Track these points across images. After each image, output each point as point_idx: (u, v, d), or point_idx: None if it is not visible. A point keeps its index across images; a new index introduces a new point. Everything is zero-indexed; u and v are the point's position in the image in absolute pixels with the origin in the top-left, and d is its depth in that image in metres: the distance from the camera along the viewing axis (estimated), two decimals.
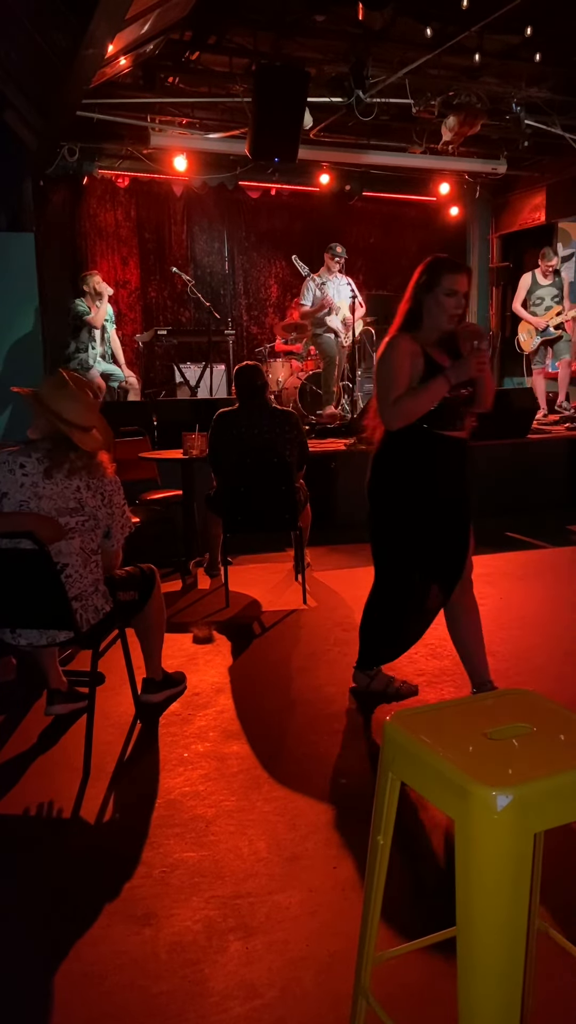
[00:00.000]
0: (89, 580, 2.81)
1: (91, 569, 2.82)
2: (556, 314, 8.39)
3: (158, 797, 2.59)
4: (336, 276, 7.95)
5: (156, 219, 10.00)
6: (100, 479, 2.80)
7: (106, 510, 2.83)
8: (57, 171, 8.35)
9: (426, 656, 3.67)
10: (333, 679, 3.47)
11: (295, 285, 8.86)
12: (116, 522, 2.88)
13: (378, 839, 1.51)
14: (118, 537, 2.92)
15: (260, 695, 3.38)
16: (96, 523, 2.81)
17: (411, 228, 10.87)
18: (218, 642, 4.00)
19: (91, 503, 2.78)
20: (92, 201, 9.51)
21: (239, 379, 4.64)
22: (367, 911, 1.54)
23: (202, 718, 3.14)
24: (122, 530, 2.92)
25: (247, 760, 2.81)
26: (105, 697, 3.17)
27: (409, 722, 1.44)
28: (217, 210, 10.13)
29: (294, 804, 2.53)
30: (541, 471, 6.88)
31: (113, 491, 2.85)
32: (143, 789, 2.64)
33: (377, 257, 10.95)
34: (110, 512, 2.84)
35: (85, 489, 2.77)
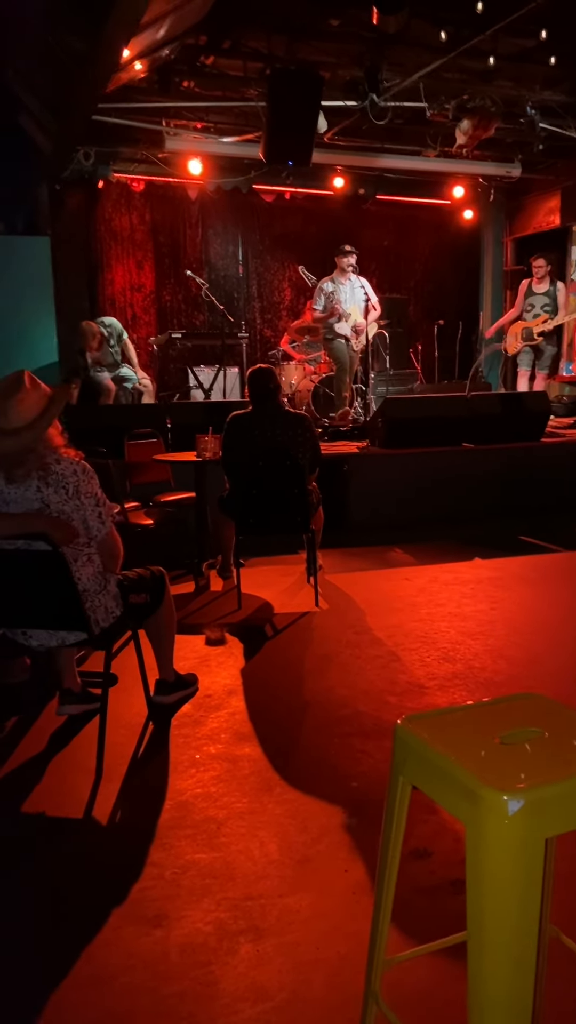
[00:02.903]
0: (88, 575, 2.78)
1: (84, 564, 2.77)
2: (542, 322, 8.36)
3: (169, 798, 2.59)
4: (349, 279, 7.94)
5: (171, 223, 10.03)
6: (59, 473, 2.70)
7: (73, 502, 2.72)
8: (72, 175, 8.40)
9: (438, 660, 3.66)
10: (345, 682, 3.46)
11: (308, 289, 8.86)
12: (89, 512, 2.75)
13: (389, 843, 1.50)
14: (97, 527, 2.79)
15: (272, 697, 3.38)
16: (68, 519, 2.74)
17: (425, 231, 10.86)
18: (230, 644, 4.00)
19: (54, 499, 2.71)
20: (107, 205, 9.56)
21: (252, 382, 4.64)
22: (377, 914, 1.53)
23: (214, 720, 3.14)
24: (100, 519, 2.78)
25: (259, 762, 2.81)
26: (117, 698, 3.18)
27: (420, 726, 1.44)
28: (231, 214, 10.16)
29: (305, 807, 2.52)
30: (554, 474, 6.85)
31: (79, 481, 2.73)
32: (154, 790, 2.65)
33: (391, 260, 10.94)
34: (78, 504, 2.73)
35: (45, 487, 2.70)
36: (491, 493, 6.65)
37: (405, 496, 6.47)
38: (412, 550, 5.74)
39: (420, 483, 6.53)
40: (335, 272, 8.05)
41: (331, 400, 8.24)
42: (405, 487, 6.50)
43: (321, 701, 3.29)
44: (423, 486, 6.52)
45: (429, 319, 10.64)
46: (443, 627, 4.08)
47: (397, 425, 6.76)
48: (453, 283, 11.22)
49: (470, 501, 6.57)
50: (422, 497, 6.49)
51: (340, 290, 7.91)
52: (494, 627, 4.06)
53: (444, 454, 6.74)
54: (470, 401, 7.13)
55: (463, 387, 8.73)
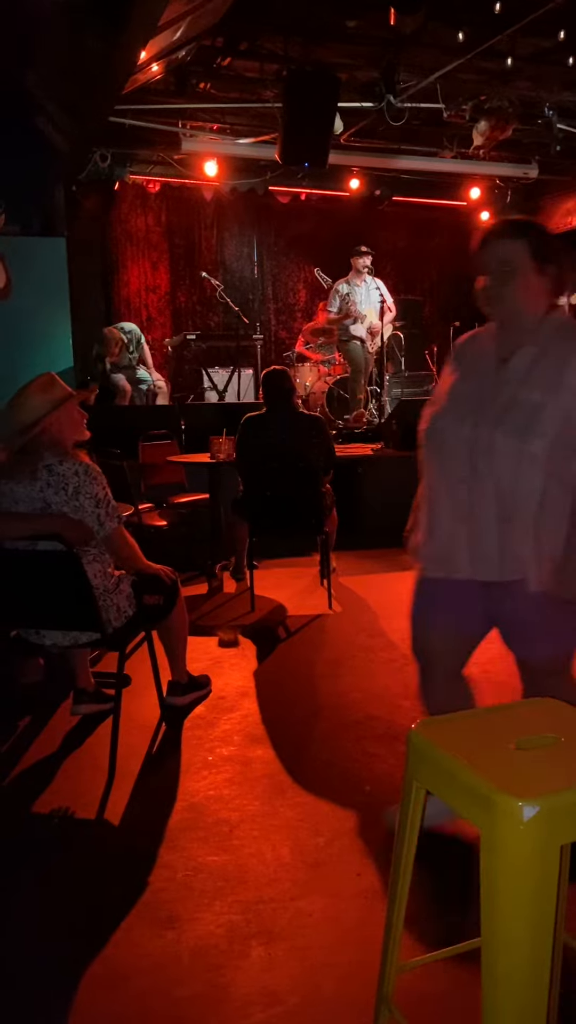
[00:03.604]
0: (93, 574, 2.78)
1: (89, 562, 2.76)
2: None
3: (181, 800, 2.60)
4: (364, 280, 7.93)
5: (186, 224, 10.06)
6: (60, 474, 2.71)
7: (72, 503, 2.71)
8: (89, 176, 8.43)
9: None
10: (358, 685, 3.46)
11: (323, 290, 8.87)
12: (87, 514, 2.73)
13: (402, 847, 1.50)
14: (95, 528, 2.75)
15: (285, 700, 3.37)
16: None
17: (441, 233, 10.82)
18: (243, 646, 4.01)
19: (55, 500, 2.71)
20: (123, 206, 9.60)
21: (266, 383, 4.65)
22: (390, 919, 1.53)
23: (227, 722, 3.14)
24: (99, 521, 2.75)
25: (271, 765, 2.81)
26: (130, 699, 3.19)
27: (434, 731, 1.44)
28: (247, 215, 10.17)
29: (318, 810, 2.52)
30: None
31: (80, 482, 2.72)
32: (167, 792, 2.65)
33: (406, 262, 10.92)
34: (77, 505, 2.72)
35: (47, 487, 2.71)
36: None
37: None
38: None
39: None
40: (350, 274, 8.04)
41: (346, 402, 8.23)
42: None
43: (334, 704, 3.29)
44: None
45: (445, 321, 10.60)
46: None
47: (412, 427, 6.73)
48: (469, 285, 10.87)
49: None
50: None
51: (355, 292, 7.90)
52: None
53: None
54: None
55: None
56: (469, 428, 2.04)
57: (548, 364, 2.02)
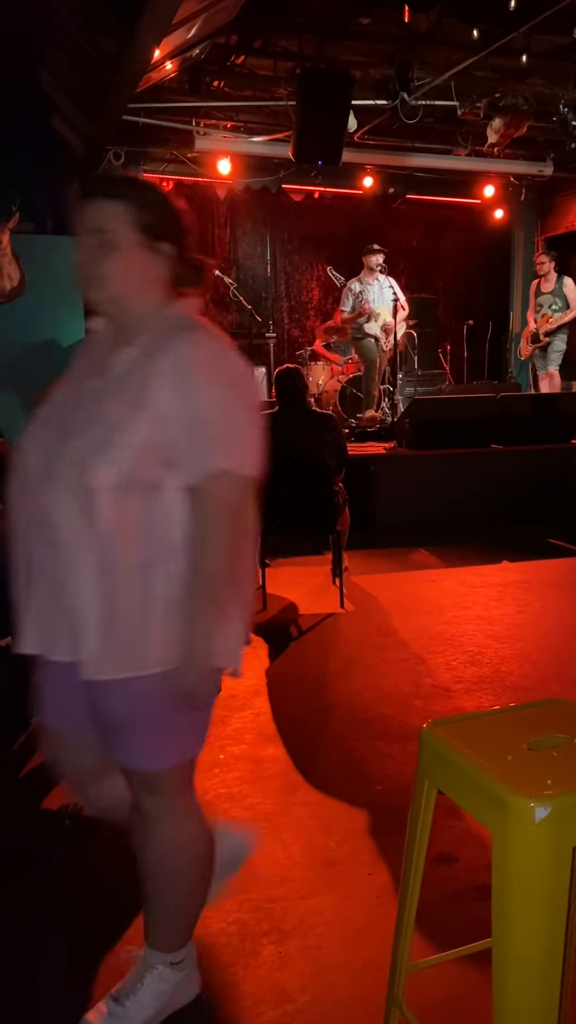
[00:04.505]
0: None
1: None
2: (546, 321, 8.26)
3: None
4: (376, 278, 7.92)
5: (199, 222, 10.07)
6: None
7: None
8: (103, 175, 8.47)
9: (464, 663, 3.64)
10: (370, 684, 3.46)
11: (337, 289, 8.85)
12: None
13: (413, 847, 1.50)
14: None
15: (296, 698, 3.38)
16: None
17: (455, 231, 10.80)
18: (255, 644, 4.01)
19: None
20: None
21: (279, 382, 4.65)
22: (401, 919, 1.53)
23: (238, 720, 3.15)
24: None
25: (283, 763, 2.81)
26: None
27: (446, 730, 1.43)
28: (260, 213, 10.17)
29: (329, 809, 2.52)
30: None
31: None
32: None
33: (420, 260, 10.89)
34: None
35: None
36: (520, 495, 6.59)
37: (432, 498, 6.44)
38: (439, 552, 5.71)
39: (448, 485, 6.49)
40: (363, 272, 8.02)
41: (358, 400, 8.22)
42: (432, 489, 6.47)
43: (346, 703, 3.29)
44: (450, 488, 6.49)
45: (458, 319, 10.58)
46: (470, 630, 4.06)
47: (425, 426, 6.73)
48: (483, 283, 11.15)
49: (498, 503, 6.52)
50: (449, 499, 6.45)
51: (368, 290, 7.89)
52: (522, 631, 4.03)
53: (472, 456, 6.70)
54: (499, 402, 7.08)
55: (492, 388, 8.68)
56: (43, 456, 1.54)
57: (140, 372, 1.53)
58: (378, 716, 3.16)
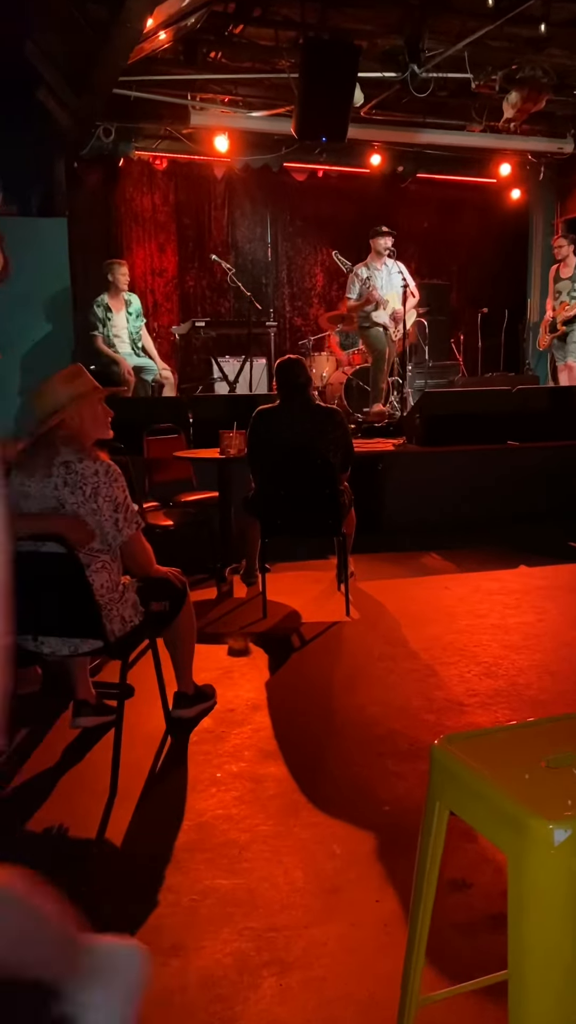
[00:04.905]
0: (101, 583, 2.79)
1: (98, 570, 2.79)
2: (564, 309, 8.25)
3: (188, 819, 2.60)
4: (385, 263, 7.92)
5: (195, 203, 10.08)
6: (79, 473, 2.73)
7: (90, 505, 2.73)
8: (92, 152, 8.47)
9: (479, 675, 3.64)
10: (377, 698, 3.45)
11: (342, 274, 8.86)
12: (106, 518, 2.75)
13: (424, 872, 1.49)
14: (112, 534, 2.78)
15: (299, 713, 3.38)
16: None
17: (469, 212, 10.81)
18: (254, 655, 4.01)
19: (70, 500, 2.73)
20: (128, 184, 9.63)
21: (280, 374, 4.65)
22: (411, 949, 1.52)
23: (236, 736, 3.15)
24: (116, 527, 2.78)
25: (284, 783, 2.81)
26: (134, 711, 3.20)
27: (460, 747, 1.43)
28: (260, 193, 10.19)
29: (334, 831, 2.52)
30: None
31: (100, 483, 2.74)
32: (172, 810, 2.66)
33: (431, 244, 10.90)
34: (95, 508, 2.74)
35: (63, 485, 2.73)
36: (539, 495, 6.60)
37: (444, 498, 6.44)
38: (452, 556, 5.70)
39: (461, 484, 6.49)
40: (370, 256, 8.02)
41: (365, 394, 8.23)
42: (444, 488, 6.47)
43: (352, 718, 3.29)
44: (464, 487, 6.49)
45: (472, 307, 10.58)
46: (485, 640, 4.06)
47: (436, 421, 6.73)
48: (499, 268, 11.15)
49: (515, 503, 6.52)
50: (463, 499, 6.45)
51: (376, 276, 7.89)
52: (540, 641, 4.03)
53: (487, 453, 6.70)
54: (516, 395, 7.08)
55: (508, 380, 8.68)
56: None
57: None
58: (386, 732, 3.15)
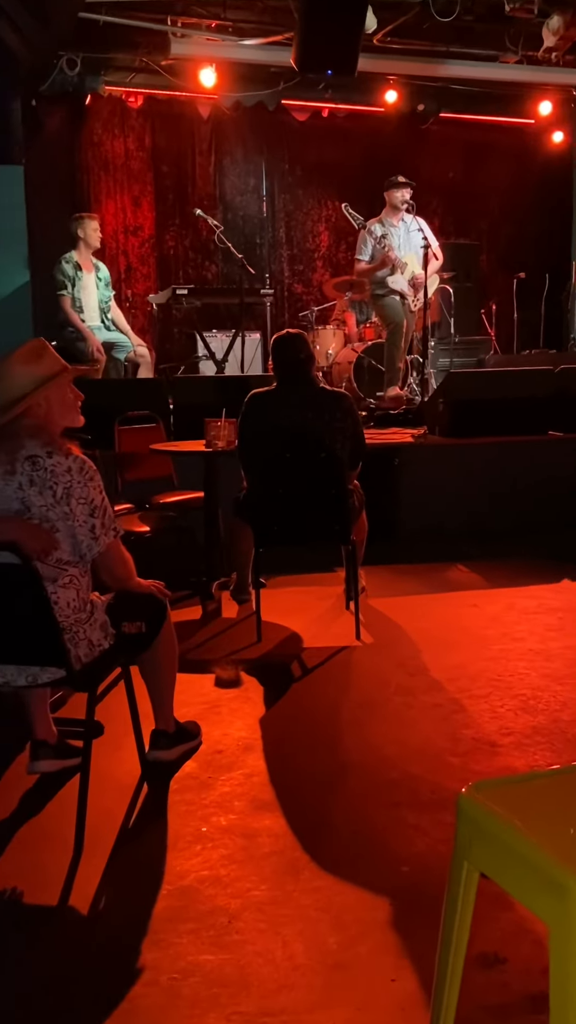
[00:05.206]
0: (67, 602, 2.80)
1: (64, 586, 2.80)
2: None
3: (168, 883, 2.60)
4: (402, 219, 7.93)
5: (176, 148, 10.10)
6: (48, 470, 2.74)
7: (61, 508, 2.74)
8: (54, 88, 8.48)
9: (514, 710, 3.64)
10: (393, 737, 3.45)
11: (352, 232, 8.87)
12: (80, 524, 2.77)
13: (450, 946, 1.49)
14: (87, 543, 2.80)
15: (300, 755, 3.38)
16: (51, 526, 2.76)
17: (501, 159, 10.83)
18: (247, 686, 4.01)
19: (37, 502, 2.74)
20: (96, 126, 9.65)
21: (277, 351, 4.65)
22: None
23: (225, 783, 3.15)
24: (93, 535, 2.79)
25: (282, 838, 2.81)
26: (103, 753, 3.19)
27: (492, 796, 1.43)
28: (253, 137, 10.21)
29: (341, 897, 2.52)
30: None
31: (73, 482, 2.75)
32: (149, 871, 2.65)
33: (458, 196, 10.92)
34: (66, 511, 2.75)
35: (28, 484, 2.74)
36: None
37: (473, 499, 6.44)
38: (481, 568, 5.70)
39: (493, 482, 6.49)
40: (385, 211, 8.04)
41: (379, 375, 8.23)
42: (473, 487, 6.47)
43: (363, 761, 3.29)
44: (496, 486, 6.49)
45: (507, 271, 10.60)
46: (521, 668, 4.05)
47: (464, 407, 6.74)
48: (537, 225, 11.18)
49: (557, 505, 6.52)
50: (495, 500, 6.45)
51: (392, 234, 7.90)
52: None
53: (524, 445, 6.71)
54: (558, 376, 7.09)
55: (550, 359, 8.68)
56: None
57: None
58: (404, 777, 3.15)
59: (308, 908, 2.47)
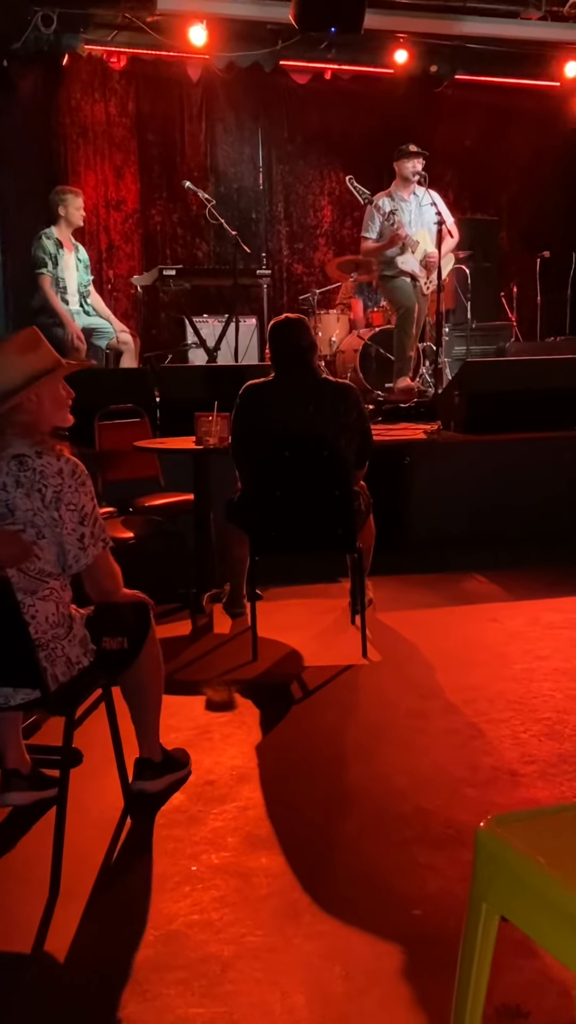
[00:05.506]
0: (46, 616, 2.80)
1: (43, 598, 2.81)
2: None
3: (154, 928, 2.59)
4: (414, 193, 7.94)
5: (163, 114, 10.11)
6: (37, 470, 2.76)
7: (49, 514, 2.76)
8: (27, 48, 8.49)
9: (539, 736, 3.64)
10: (404, 766, 3.45)
11: (358, 207, 8.88)
12: (68, 532, 2.78)
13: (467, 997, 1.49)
14: (75, 553, 2.82)
15: (300, 786, 3.37)
16: (37, 533, 2.77)
17: (523, 126, 10.84)
18: (241, 709, 4.01)
19: (23, 506, 2.74)
20: (75, 89, 9.66)
21: (275, 338, 4.66)
22: None
23: (217, 817, 3.14)
24: (81, 545, 2.82)
25: (280, 878, 2.81)
26: (82, 784, 3.19)
27: (513, 831, 1.43)
28: (248, 102, 10.22)
29: (346, 943, 2.51)
30: None
31: (63, 486, 2.78)
32: (133, 915, 2.65)
33: (475, 167, 10.94)
34: (55, 517, 2.76)
35: (15, 486, 2.74)
36: None
37: (491, 501, 6.44)
38: (500, 578, 5.71)
39: (513, 483, 6.49)
40: (394, 184, 8.05)
41: (387, 364, 8.24)
42: (492, 488, 6.47)
43: (370, 793, 3.29)
44: (518, 487, 6.49)
45: (529, 250, 10.62)
46: (546, 689, 4.06)
47: (482, 400, 6.74)
48: (563, 198, 11.20)
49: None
50: (516, 502, 6.45)
51: (403, 209, 7.91)
52: None
53: (549, 442, 6.71)
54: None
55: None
56: None
57: None
58: (415, 811, 3.15)
59: (310, 956, 2.47)
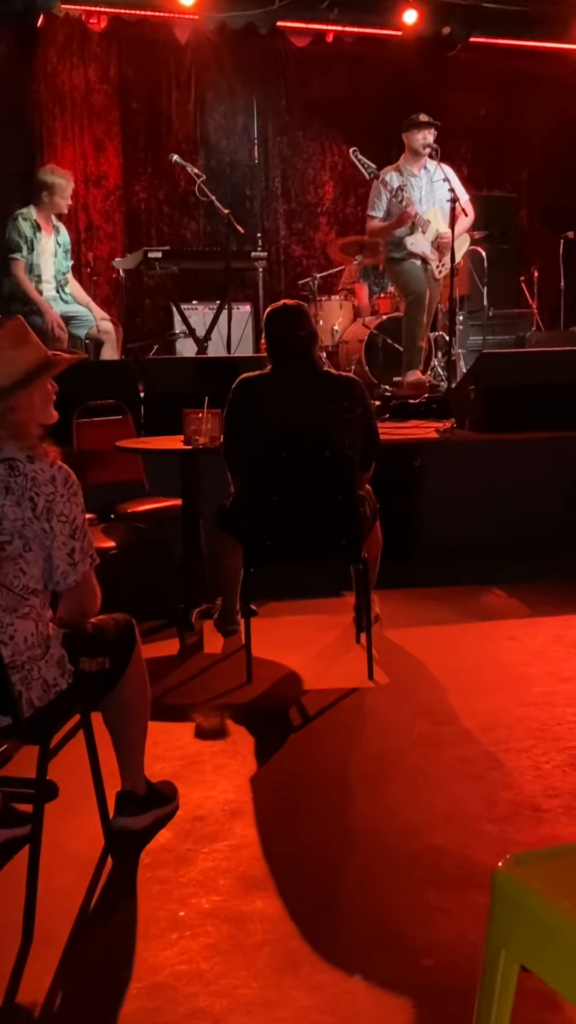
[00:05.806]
0: (24, 636, 2.81)
1: (22, 617, 2.81)
2: None
3: (138, 979, 2.59)
4: (425, 167, 7.95)
5: (148, 81, 10.13)
6: (29, 476, 2.77)
7: (40, 525, 2.77)
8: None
9: (563, 766, 3.64)
10: (413, 800, 3.45)
11: (363, 183, 8.89)
12: (58, 545, 2.80)
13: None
14: (63, 569, 2.84)
15: (299, 822, 3.37)
16: (24, 545, 2.78)
17: (544, 94, 10.87)
18: (234, 737, 4.01)
19: (12, 515, 2.75)
20: (51, 53, 9.68)
21: (271, 327, 4.66)
22: None
23: (208, 857, 3.14)
24: (71, 560, 2.84)
25: (277, 924, 2.80)
26: (58, 820, 3.19)
27: (534, 872, 1.43)
28: (242, 67, 10.23)
29: (349, 996, 2.51)
30: None
31: (56, 495, 2.79)
32: (115, 965, 2.65)
33: (492, 139, 10.96)
34: (46, 528, 2.78)
35: (4, 492, 2.75)
36: None
37: (510, 506, 6.45)
38: (519, 592, 5.71)
39: (534, 486, 6.50)
40: (403, 157, 8.06)
41: (395, 356, 8.25)
42: (510, 492, 6.48)
43: (377, 829, 3.29)
44: (539, 490, 6.49)
45: (551, 230, 10.64)
46: (571, 715, 4.06)
47: (500, 396, 6.75)
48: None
49: None
50: (537, 508, 6.46)
51: (412, 185, 7.92)
52: None
53: (572, 442, 6.72)
54: None
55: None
56: None
57: None
58: (426, 849, 3.15)
59: (309, 1010, 2.47)
